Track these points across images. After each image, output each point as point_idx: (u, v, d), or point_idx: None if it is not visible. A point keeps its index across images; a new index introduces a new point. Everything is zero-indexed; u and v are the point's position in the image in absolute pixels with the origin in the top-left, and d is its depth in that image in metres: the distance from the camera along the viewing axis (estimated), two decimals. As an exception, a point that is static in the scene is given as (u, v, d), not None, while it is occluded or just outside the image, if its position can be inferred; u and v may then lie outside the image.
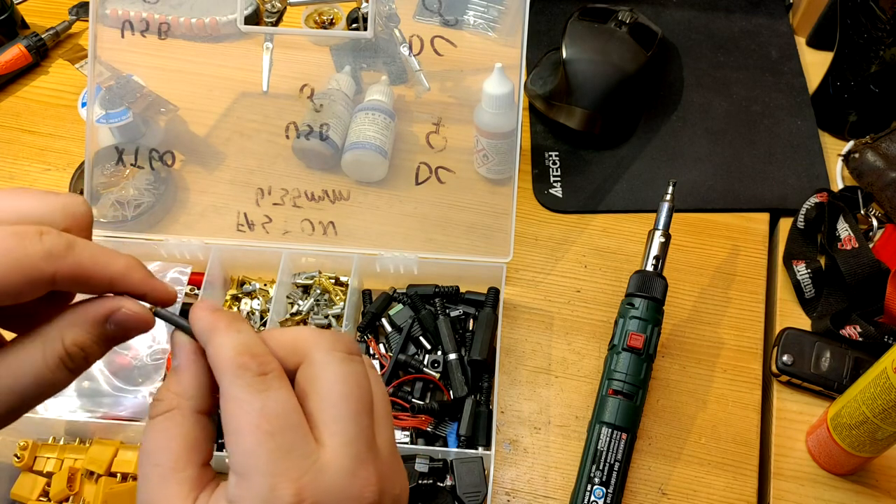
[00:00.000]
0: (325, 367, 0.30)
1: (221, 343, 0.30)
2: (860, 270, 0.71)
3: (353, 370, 0.31)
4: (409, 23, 0.74)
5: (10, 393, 0.29)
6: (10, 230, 0.28)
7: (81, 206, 0.32)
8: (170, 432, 0.30)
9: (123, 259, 0.31)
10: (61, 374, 0.30)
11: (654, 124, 0.88)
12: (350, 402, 0.30)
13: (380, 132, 0.78)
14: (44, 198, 0.31)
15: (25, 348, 0.30)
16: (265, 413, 0.28)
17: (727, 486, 0.66)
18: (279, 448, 0.28)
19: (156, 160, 0.77)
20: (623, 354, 0.64)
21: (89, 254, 0.30)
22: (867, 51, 0.82)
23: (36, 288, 0.29)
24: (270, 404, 0.29)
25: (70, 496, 0.64)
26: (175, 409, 0.31)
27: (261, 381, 0.29)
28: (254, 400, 0.29)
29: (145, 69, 0.77)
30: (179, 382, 0.31)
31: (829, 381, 0.67)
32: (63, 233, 0.30)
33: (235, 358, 0.29)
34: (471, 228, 0.75)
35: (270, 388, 0.29)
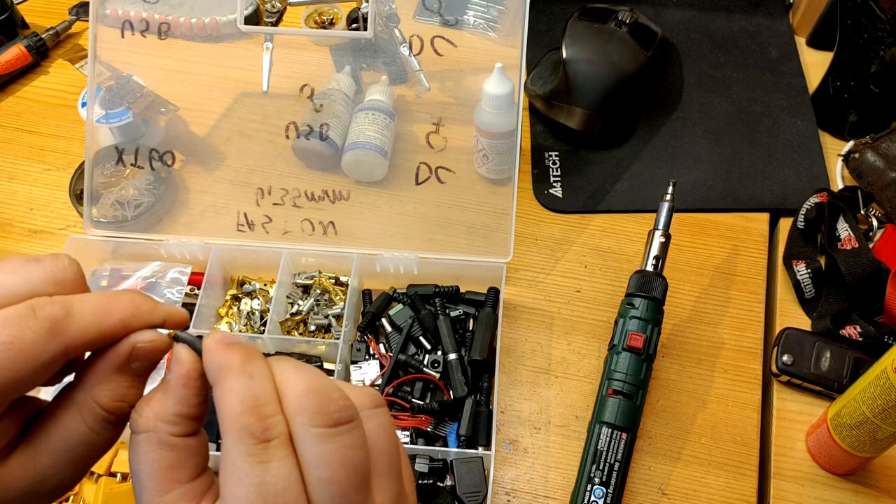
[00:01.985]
0: (307, 446, 0.27)
1: (230, 389, 0.28)
2: (860, 270, 0.71)
3: (338, 446, 0.28)
4: (409, 23, 0.74)
5: (68, 463, 0.29)
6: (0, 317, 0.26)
7: (69, 270, 0.29)
8: (148, 455, 0.29)
9: (126, 298, 0.29)
10: (109, 433, 0.29)
11: (654, 124, 0.88)
12: (333, 486, 0.27)
13: (380, 132, 0.78)
14: (26, 269, 0.28)
15: (65, 423, 0.29)
16: (262, 490, 0.26)
17: (727, 486, 0.66)
18: None
19: (156, 160, 0.77)
20: (623, 354, 0.64)
21: (92, 310, 0.28)
22: (867, 51, 0.82)
23: (49, 369, 0.27)
24: (270, 479, 0.26)
25: (70, 496, 0.64)
26: (151, 432, 0.29)
27: (262, 450, 0.27)
28: (253, 473, 0.26)
29: (145, 69, 0.77)
30: (162, 403, 0.29)
31: (829, 381, 0.67)
32: (57, 298, 0.28)
33: (241, 416, 0.27)
34: (471, 228, 0.75)
35: (273, 458, 0.27)
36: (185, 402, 0.29)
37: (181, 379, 0.29)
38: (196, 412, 0.29)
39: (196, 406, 0.29)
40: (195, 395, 0.29)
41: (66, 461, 0.29)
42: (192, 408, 0.29)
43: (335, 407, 0.28)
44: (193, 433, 0.29)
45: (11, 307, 0.27)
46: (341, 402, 0.28)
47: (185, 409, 0.29)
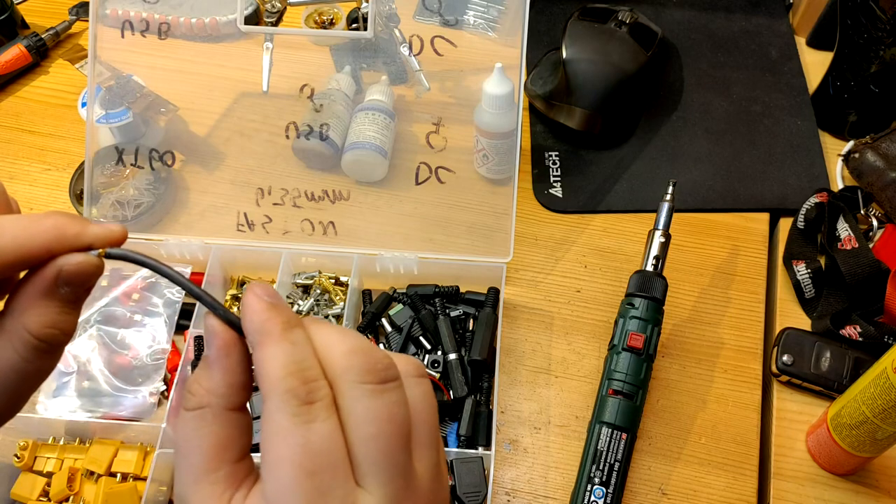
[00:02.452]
0: (353, 404, 0.28)
1: (273, 356, 0.27)
2: (860, 270, 0.71)
3: (385, 403, 0.28)
4: (409, 23, 0.74)
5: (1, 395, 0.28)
6: None
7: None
8: (200, 431, 0.29)
9: (50, 220, 0.28)
10: (43, 361, 0.28)
11: (654, 124, 0.88)
12: (381, 441, 0.27)
13: (380, 132, 0.78)
14: None
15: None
16: (307, 449, 0.26)
17: (727, 486, 0.66)
18: (317, 489, 0.26)
19: (156, 160, 0.77)
20: (623, 354, 0.64)
21: (12, 231, 0.27)
22: (867, 51, 0.82)
23: None
24: (314, 439, 0.26)
25: (70, 496, 0.64)
26: (206, 408, 0.29)
27: (307, 410, 0.27)
28: (297, 432, 0.26)
29: (145, 69, 0.77)
30: (210, 378, 0.29)
31: (829, 381, 0.67)
32: None
33: (285, 379, 0.27)
34: (471, 228, 0.75)
35: (317, 419, 0.27)
36: (231, 371, 0.29)
37: (221, 350, 0.29)
38: (245, 379, 0.29)
39: (243, 373, 0.29)
40: (239, 363, 0.29)
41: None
42: (240, 375, 0.29)
43: (381, 365, 0.28)
44: (243, 406, 0.29)
45: None
46: (386, 360, 0.29)
47: (234, 377, 0.29)
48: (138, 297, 0.74)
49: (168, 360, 0.71)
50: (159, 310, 0.74)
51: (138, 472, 0.65)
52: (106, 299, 0.74)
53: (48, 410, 0.68)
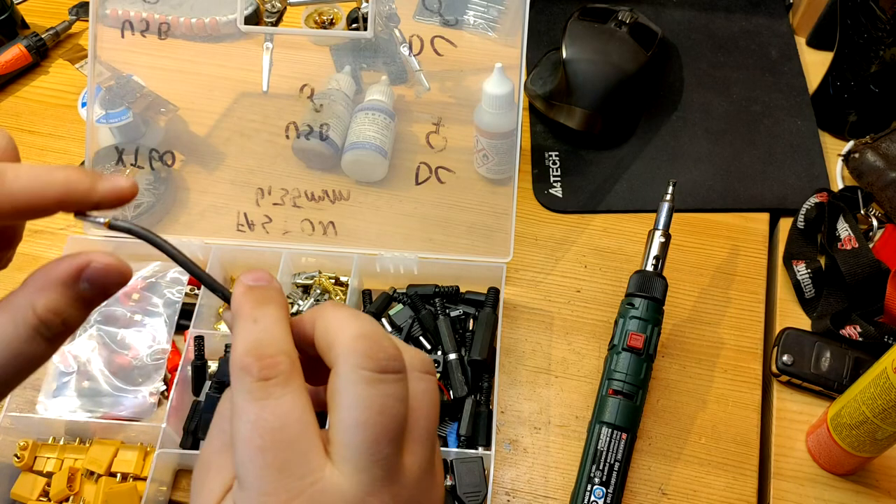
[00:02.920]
0: (347, 386, 0.27)
1: (235, 335, 0.28)
2: (860, 270, 0.71)
3: (380, 393, 0.27)
4: (409, 23, 0.74)
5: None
6: None
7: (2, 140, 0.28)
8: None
9: (63, 173, 0.27)
10: (39, 346, 0.27)
11: (654, 124, 0.88)
12: (367, 429, 0.27)
13: (380, 132, 0.78)
14: None
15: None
16: (258, 426, 0.26)
17: (727, 486, 0.66)
18: (270, 465, 0.26)
19: (156, 160, 0.77)
20: (623, 354, 0.64)
21: (25, 180, 0.26)
22: (867, 51, 0.82)
23: None
24: (266, 416, 0.26)
25: (70, 496, 0.64)
26: None
27: (259, 387, 0.27)
28: (248, 409, 0.27)
29: (145, 69, 0.77)
30: None
31: (829, 381, 0.67)
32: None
33: (240, 358, 0.27)
34: (471, 228, 0.75)
35: (270, 396, 0.27)
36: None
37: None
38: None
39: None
40: None
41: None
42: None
43: (384, 355, 0.28)
44: None
45: None
46: (391, 351, 0.28)
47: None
48: (138, 297, 0.74)
49: (168, 360, 0.71)
50: (159, 310, 0.74)
51: (138, 472, 0.65)
52: (106, 299, 0.74)
53: (48, 410, 0.68)
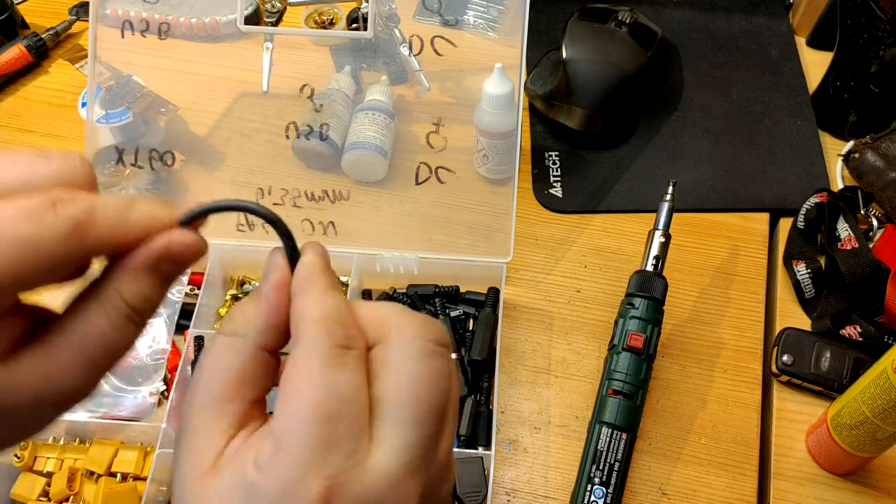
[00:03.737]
0: (403, 358, 0.27)
1: (314, 302, 0.27)
2: (860, 270, 0.71)
3: (435, 367, 0.27)
4: (409, 23, 0.74)
5: (85, 363, 0.27)
6: (12, 207, 0.23)
7: (80, 170, 0.27)
8: (228, 357, 0.28)
9: (143, 209, 0.27)
10: (130, 331, 0.28)
11: (654, 124, 0.88)
12: (421, 406, 0.26)
13: (380, 132, 0.78)
14: (32, 163, 0.26)
15: (87, 316, 0.27)
16: (332, 392, 0.25)
17: (727, 486, 0.66)
18: (327, 437, 0.25)
19: (156, 160, 0.77)
20: (623, 354, 0.64)
21: (112, 218, 0.26)
22: (867, 51, 0.82)
23: (61, 271, 0.25)
24: (341, 385, 0.25)
25: (70, 496, 0.64)
26: (239, 337, 0.28)
27: (339, 354, 0.26)
28: (326, 373, 0.25)
29: (145, 69, 0.77)
30: (255, 310, 0.29)
31: (829, 381, 0.67)
32: (80, 197, 0.25)
33: (322, 322, 0.27)
34: (471, 228, 0.75)
35: (347, 366, 0.26)
36: (277, 311, 0.28)
37: (276, 287, 0.29)
38: (286, 322, 0.29)
39: (287, 316, 0.29)
40: (287, 307, 0.29)
41: (82, 361, 0.27)
42: (283, 317, 0.29)
43: (437, 328, 0.28)
44: (275, 350, 0.29)
45: (31, 199, 0.24)
46: (444, 328, 0.29)
47: (277, 318, 0.28)
48: (138, 297, 0.74)
49: (168, 360, 0.71)
50: (159, 310, 0.74)
51: (138, 472, 0.65)
52: (106, 299, 0.74)
53: (48, 410, 0.68)
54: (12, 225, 0.23)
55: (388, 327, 0.28)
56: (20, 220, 0.23)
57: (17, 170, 0.25)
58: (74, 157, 0.27)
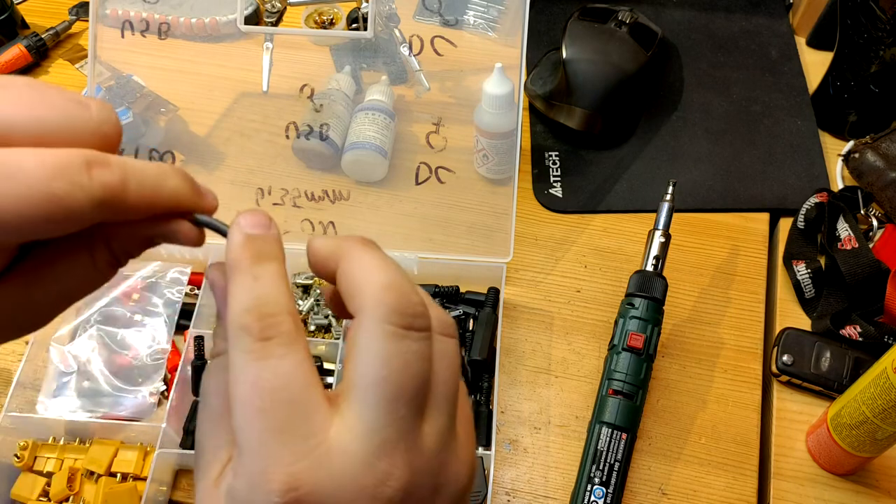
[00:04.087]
0: (370, 340, 0.26)
1: (233, 293, 0.26)
2: (860, 270, 0.71)
3: (403, 350, 0.26)
4: (409, 23, 0.74)
5: (61, 294, 0.27)
6: (49, 164, 0.22)
7: (116, 127, 0.26)
8: (221, 376, 0.27)
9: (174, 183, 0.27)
10: (108, 273, 0.28)
11: (654, 124, 0.88)
12: (385, 386, 0.25)
13: (380, 132, 0.78)
14: (70, 110, 0.24)
15: (75, 254, 0.27)
16: (257, 386, 0.24)
17: (727, 486, 0.66)
18: (271, 427, 0.24)
19: (156, 160, 0.77)
20: (623, 354, 0.64)
21: (147, 189, 0.25)
22: (867, 51, 0.82)
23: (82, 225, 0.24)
24: (266, 376, 0.25)
25: (70, 496, 0.64)
26: (224, 353, 0.27)
27: (260, 347, 0.25)
28: (247, 369, 0.25)
29: (145, 69, 0.77)
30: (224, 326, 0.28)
31: (829, 381, 0.67)
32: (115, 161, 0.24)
33: (239, 316, 0.26)
34: (471, 228, 0.75)
35: (271, 356, 0.25)
36: None
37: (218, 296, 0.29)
38: None
39: None
40: None
41: (56, 293, 0.27)
42: None
43: (412, 311, 0.26)
44: None
45: (65, 153, 0.23)
46: (420, 308, 0.27)
47: None
48: (138, 297, 0.74)
49: (168, 360, 0.71)
50: (159, 310, 0.74)
51: (138, 472, 0.65)
52: (106, 299, 0.74)
53: (48, 410, 0.68)
54: (46, 182, 0.22)
55: (359, 305, 0.26)
56: (54, 177, 0.22)
57: (53, 114, 0.24)
58: (110, 111, 0.26)
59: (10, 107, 0.23)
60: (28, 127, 0.23)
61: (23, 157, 0.22)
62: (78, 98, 0.25)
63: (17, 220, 0.22)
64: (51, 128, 0.24)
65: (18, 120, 0.23)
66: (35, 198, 0.22)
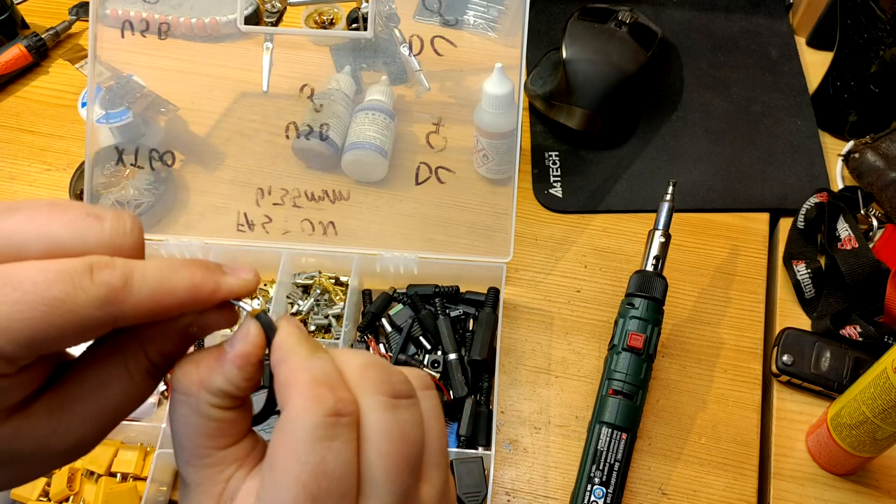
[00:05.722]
0: (368, 412, 0.26)
1: (302, 366, 0.26)
2: (860, 270, 0.71)
3: (399, 419, 0.26)
4: (409, 23, 0.74)
5: (101, 415, 0.27)
6: (51, 270, 0.23)
7: (130, 235, 0.26)
8: (187, 419, 0.27)
9: (187, 277, 0.26)
10: (148, 386, 0.28)
11: (654, 124, 0.88)
12: (389, 460, 0.26)
13: (380, 132, 0.78)
14: (82, 225, 0.25)
15: (109, 369, 0.27)
16: (320, 471, 0.24)
17: (727, 486, 0.66)
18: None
19: (156, 160, 0.77)
20: (623, 354, 0.64)
21: (151, 285, 0.25)
22: (867, 51, 0.82)
23: (92, 334, 0.25)
24: (330, 461, 0.24)
25: (70, 496, 0.64)
26: (192, 397, 0.27)
27: (330, 424, 0.24)
28: (314, 449, 0.24)
29: (145, 69, 0.77)
30: (210, 372, 0.27)
31: (829, 381, 0.67)
32: (118, 262, 0.24)
33: (311, 386, 0.25)
34: (471, 228, 0.75)
35: (338, 437, 0.25)
36: (233, 383, 0.27)
37: (239, 359, 0.27)
38: (242, 393, 0.27)
39: (243, 389, 0.27)
40: (246, 379, 0.27)
41: (97, 413, 0.26)
42: (238, 389, 0.27)
43: (396, 379, 0.27)
44: (236, 408, 0.28)
45: (68, 261, 0.24)
46: (401, 376, 0.28)
47: (232, 388, 0.27)
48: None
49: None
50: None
51: (138, 472, 0.65)
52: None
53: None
54: (47, 287, 0.23)
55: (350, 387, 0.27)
56: (56, 283, 0.23)
57: (65, 229, 0.25)
58: (125, 220, 0.26)
59: (27, 224, 0.24)
60: (41, 243, 0.24)
61: (28, 267, 0.23)
62: (93, 211, 0.25)
63: (21, 327, 0.23)
64: (63, 242, 0.25)
65: (33, 237, 0.24)
66: (37, 303, 0.23)
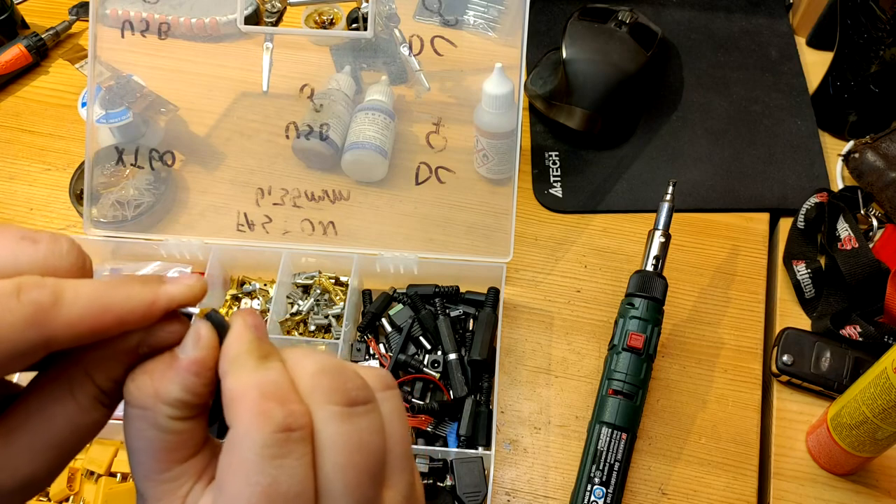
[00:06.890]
0: (321, 425, 0.25)
1: (248, 379, 0.25)
2: (860, 270, 0.71)
3: (355, 429, 0.25)
4: (409, 23, 0.74)
5: (49, 448, 0.25)
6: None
7: (66, 257, 0.25)
8: (142, 433, 0.26)
9: (123, 293, 0.25)
10: (99, 414, 0.26)
11: (654, 124, 0.88)
12: (347, 473, 0.24)
13: (380, 132, 0.78)
14: (17, 247, 0.25)
15: (54, 397, 0.25)
16: (271, 493, 0.23)
17: (727, 486, 0.66)
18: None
19: (156, 160, 0.77)
20: (623, 354, 0.64)
21: (83, 303, 0.24)
22: (867, 51, 0.82)
23: (26, 359, 0.23)
24: (283, 481, 0.23)
25: (70, 496, 0.64)
26: (149, 410, 0.25)
27: (280, 441, 0.23)
28: (263, 470, 0.23)
29: (145, 69, 0.77)
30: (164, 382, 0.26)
31: (829, 381, 0.67)
32: (48, 281, 0.24)
33: (258, 401, 0.24)
34: (471, 228, 0.75)
35: (290, 454, 0.23)
36: (191, 391, 0.26)
37: (195, 365, 0.26)
38: (201, 400, 0.26)
39: (203, 396, 0.26)
40: (205, 385, 0.26)
41: (44, 446, 0.25)
42: (197, 397, 0.26)
43: (352, 385, 0.26)
44: (194, 417, 0.26)
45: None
46: (358, 380, 0.26)
47: (191, 397, 0.26)
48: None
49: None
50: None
51: (138, 472, 0.65)
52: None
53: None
54: None
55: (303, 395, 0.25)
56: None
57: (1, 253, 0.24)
58: (62, 242, 0.25)
59: None
60: None
61: None
62: (28, 235, 0.25)
63: None
64: None
65: None
66: None
